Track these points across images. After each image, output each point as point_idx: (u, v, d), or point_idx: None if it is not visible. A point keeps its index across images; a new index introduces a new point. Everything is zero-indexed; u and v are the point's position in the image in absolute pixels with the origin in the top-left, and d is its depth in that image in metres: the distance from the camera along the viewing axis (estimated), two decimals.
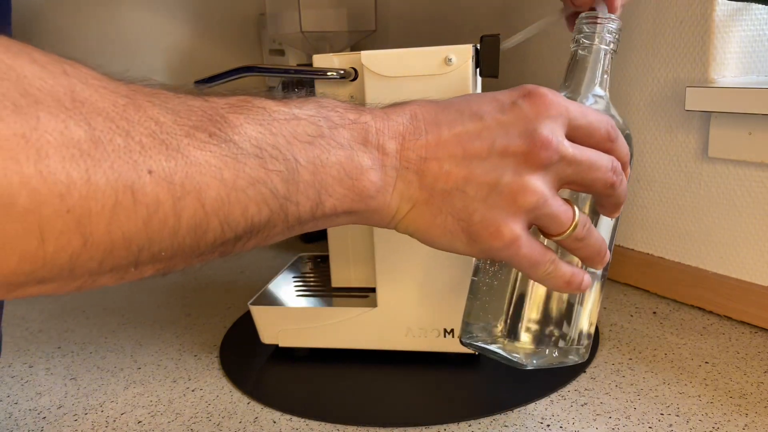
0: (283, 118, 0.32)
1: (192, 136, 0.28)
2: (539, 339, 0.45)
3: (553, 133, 0.36)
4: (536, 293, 0.45)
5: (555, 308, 0.45)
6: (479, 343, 0.46)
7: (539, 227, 0.38)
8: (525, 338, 0.44)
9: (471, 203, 0.36)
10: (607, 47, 0.46)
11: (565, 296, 0.45)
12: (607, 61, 0.46)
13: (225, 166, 0.29)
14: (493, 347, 0.45)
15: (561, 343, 0.45)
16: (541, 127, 0.36)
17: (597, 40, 0.46)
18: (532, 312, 0.45)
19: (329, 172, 0.33)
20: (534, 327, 0.45)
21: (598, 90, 0.46)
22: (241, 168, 0.29)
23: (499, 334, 0.45)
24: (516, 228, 0.36)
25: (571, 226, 0.37)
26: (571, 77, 0.47)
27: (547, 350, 0.45)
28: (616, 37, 0.46)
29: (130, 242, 0.27)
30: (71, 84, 0.26)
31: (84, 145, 0.25)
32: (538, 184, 0.36)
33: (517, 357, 0.44)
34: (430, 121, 0.36)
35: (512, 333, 0.44)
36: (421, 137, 0.36)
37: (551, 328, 0.45)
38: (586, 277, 0.40)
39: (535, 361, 0.45)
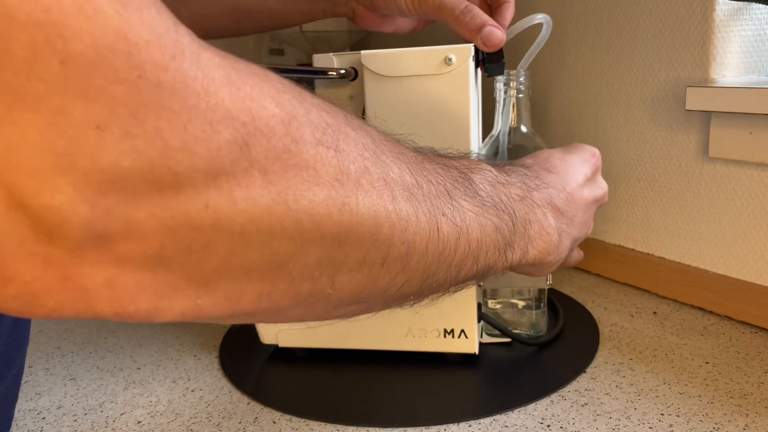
0: (502, 181, 0.39)
1: (456, 188, 0.34)
2: None
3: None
4: None
5: None
6: None
7: None
8: None
9: (576, 242, 0.49)
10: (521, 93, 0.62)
11: None
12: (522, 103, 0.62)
13: (480, 213, 0.35)
14: None
15: None
16: (600, 176, 0.52)
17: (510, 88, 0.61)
18: None
19: (533, 227, 0.40)
20: None
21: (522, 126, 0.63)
22: (488, 216, 0.35)
23: None
24: None
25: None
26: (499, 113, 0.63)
27: None
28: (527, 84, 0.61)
29: (425, 272, 0.32)
30: (383, 138, 0.31)
31: (412, 189, 0.30)
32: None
33: None
34: (566, 185, 0.46)
35: None
36: (572, 202, 0.45)
37: None
38: None
39: None
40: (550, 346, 0.66)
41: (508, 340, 0.66)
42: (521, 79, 0.61)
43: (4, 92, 0.19)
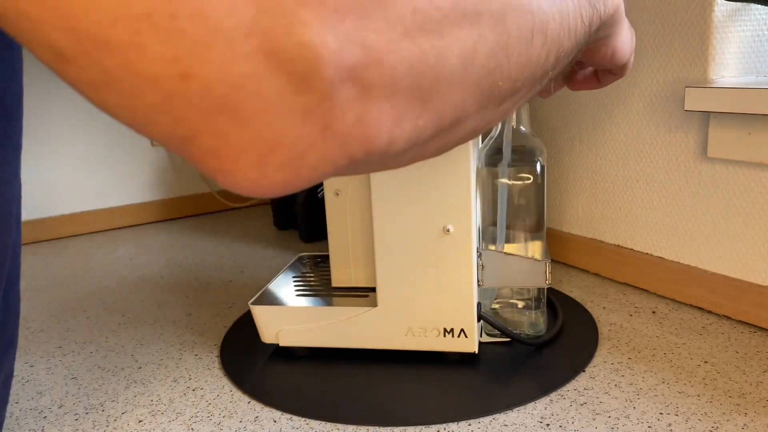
0: None
1: None
2: None
3: None
4: None
5: None
6: None
7: None
8: None
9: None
10: None
11: None
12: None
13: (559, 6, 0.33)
14: None
15: None
16: None
17: None
18: None
19: None
20: None
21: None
22: (565, 4, 0.34)
23: None
24: None
25: None
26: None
27: None
28: None
29: (557, 41, 0.31)
30: None
31: None
32: None
33: None
34: None
35: None
36: None
37: None
38: None
39: None
40: (550, 345, 0.66)
41: (507, 339, 0.66)
42: None
43: None
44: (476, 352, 0.61)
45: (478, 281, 0.61)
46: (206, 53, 0.18)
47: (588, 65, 0.50)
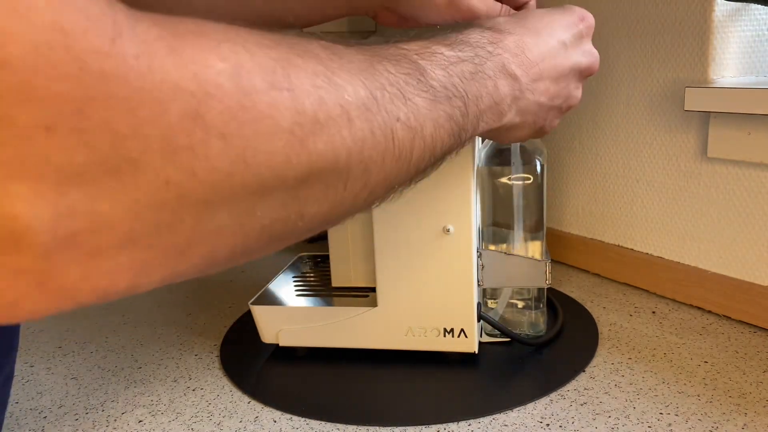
0: (454, 61, 0.39)
1: (409, 84, 0.33)
2: None
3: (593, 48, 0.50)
4: None
5: None
6: None
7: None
8: None
9: (551, 111, 0.47)
10: None
11: None
12: None
13: (433, 108, 0.35)
14: None
15: None
16: (589, 44, 0.50)
17: None
18: None
19: (485, 101, 0.40)
20: None
21: None
22: (441, 108, 0.35)
23: None
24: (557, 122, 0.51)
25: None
26: None
27: None
28: None
29: (386, 179, 0.33)
30: (329, 54, 0.30)
31: (368, 103, 0.30)
32: (580, 91, 0.50)
33: None
34: (534, 51, 0.45)
35: None
36: (533, 66, 0.45)
37: None
38: None
39: None
40: (550, 345, 0.66)
41: (507, 339, 0.66)
42: None
43: None
44: (476, 352, 0.61)
45: (478, 281, 0.61)
46: None
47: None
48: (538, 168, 0.63)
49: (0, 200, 0.19)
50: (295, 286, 0.71)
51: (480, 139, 0.64)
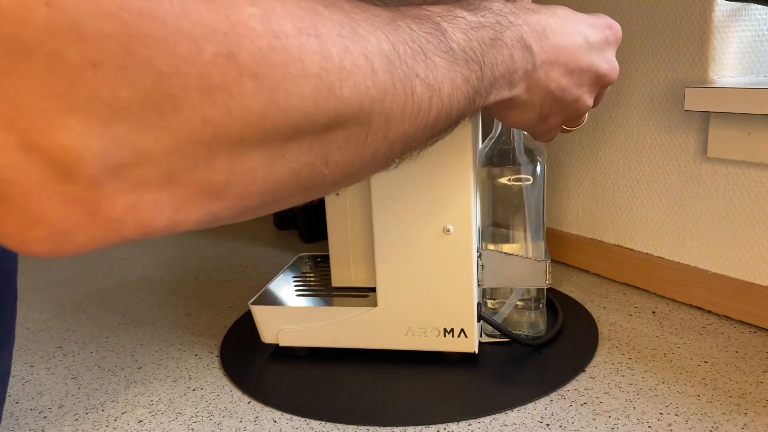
0: (475, 26, 0.39)
1: (430, 43, 0.34)
2: None
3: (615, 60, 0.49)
4: None
5: None
6: None
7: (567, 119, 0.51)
8: None
9: (557, 104, 0.47)
10: None
11: None
12: None
13: (451, 68, 0.35)
14: None
15: None
16: (613, 54, 0.49)
17: None
18: None
19: (499, 69, 0.40)
20: None
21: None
22: (458, 70, 0.36)
23: None
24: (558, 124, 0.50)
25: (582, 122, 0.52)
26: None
27: None
28: None
29: (405, 134, 0.33)
30: (353, 6, 0.31)
31: (390, 56, 0.30)
32: (592, 101, 0.49)
33: None
34: (557, 35, 0.45)
35: None
36: (551, 47, 0.44)
37: None
38: None
39: None
40: (550, 345, 0.66)
41: (507, 339, 0.66)
42: None
43: (1, 44, 0.19)
44: (476, 352, 0.61)
45: (478, 281, 0.61)
46: None
47: None
48: (538, 168, 0.63)
49: (54, 132, 0.21)
50: (295, 286, 0.71)
51: (480, 139, 0.64)
